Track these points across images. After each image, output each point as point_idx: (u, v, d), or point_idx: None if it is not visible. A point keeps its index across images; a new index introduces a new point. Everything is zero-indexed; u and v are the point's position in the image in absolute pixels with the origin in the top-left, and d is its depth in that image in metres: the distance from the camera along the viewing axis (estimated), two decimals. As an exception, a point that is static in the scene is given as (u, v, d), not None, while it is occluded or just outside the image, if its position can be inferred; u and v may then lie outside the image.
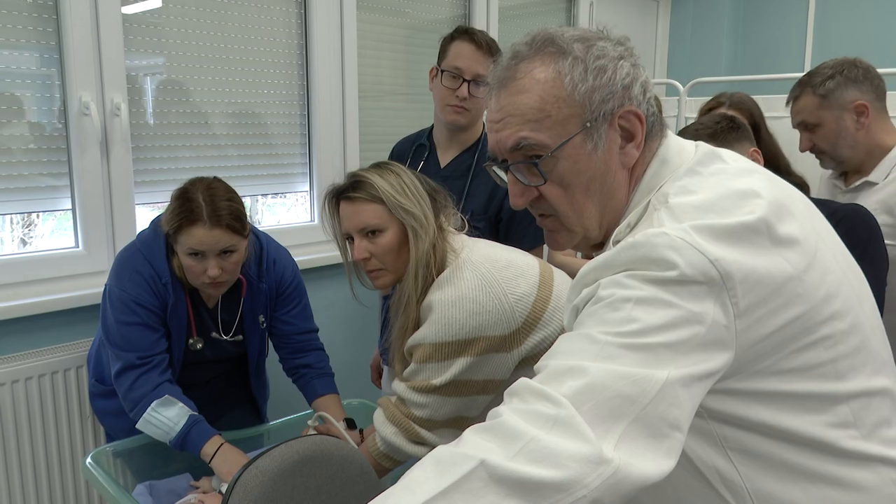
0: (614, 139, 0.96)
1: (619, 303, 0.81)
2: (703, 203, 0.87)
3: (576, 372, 0.77)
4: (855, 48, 3.67)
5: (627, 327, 0.79)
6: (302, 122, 2.72)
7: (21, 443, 2.05)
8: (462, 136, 2.15)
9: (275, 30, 2.58)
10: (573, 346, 0.82)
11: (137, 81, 2.29)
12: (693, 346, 0.79)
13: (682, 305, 0.79)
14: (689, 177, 0.93)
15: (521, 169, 0.98)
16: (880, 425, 0.90)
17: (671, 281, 0.80)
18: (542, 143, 0.95)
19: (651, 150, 0.99)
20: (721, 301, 0.80)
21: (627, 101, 0.95)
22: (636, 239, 0.84)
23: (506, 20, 3.39)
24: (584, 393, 0.75)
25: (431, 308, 1.44)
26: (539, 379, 0.80)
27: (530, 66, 0.96)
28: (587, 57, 0.94)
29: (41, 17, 2.06)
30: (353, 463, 1.41)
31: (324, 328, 2.09)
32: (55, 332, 2.11)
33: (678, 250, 0.80)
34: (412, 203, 1.51)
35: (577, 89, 0.93)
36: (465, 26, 2.17)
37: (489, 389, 1.48)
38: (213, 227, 1.63)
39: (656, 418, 0.76)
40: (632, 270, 0.83)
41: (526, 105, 0.95)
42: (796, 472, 0.88)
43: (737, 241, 0.82)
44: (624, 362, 0.77)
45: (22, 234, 3.01)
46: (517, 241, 2.06)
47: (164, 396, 1.66)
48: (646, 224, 0.90)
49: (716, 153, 0.97)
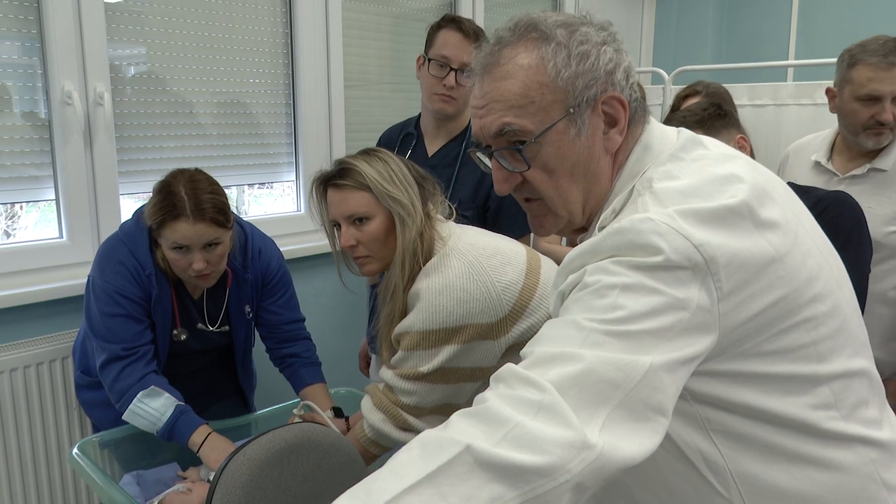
0: (597, 125, 0.96)
1: (606, 289, 0.81)
2: (687, 188, 0.87)
3: (562, 358, 0.78)
4: (839, 37, 3.70)
5: (613, 314, 0.79)
6: (287, 111, 2.71)
7: (7, 435, 2.04)
8: (449, 124, 2.15)
9: (259, 18, 2.56)
10: (559, 332, 0.82)
11: (122, 71, 2.27)
12: (677, 332, 0.80)
13: (667, 292, 0.80)
14: (672, 162, 0.94)
15: (504, 155, 0.98)
16: (859, 406, 0.91)
17: (656, 266, 0.80)
18: (526, 128, 0.95)
19: (634, 136, 0.99)
20: (706, 285, 0.81)
21: (610, 87, 0.95)
22: (622, 224, 0.84)
23: (492, 9, 3.38)
24: (569, 378, 0.76)
25: (419, 296, 1.44)
26: (525, 364, 0.81)
27: (514, 52, 0.96)
28: (570, 42, 0.94)
29: (22, 6, 2.04)
30: (341, 450, 1.42)
31: (311, 317, 2.09)
32: (40, 323, 2.10)
33: (663, 235, 0.81)
34: (399, 191, 1.51)
35: (560, 75, 0.94)
36: (453, 15, 2.16)
37: (476, 377, 1.49)
38: (197, 221, 1.61)
39: (640, 402, 0.77)
40: (618, 256, 0.83)
41: (509, 91, 0.95)
42: (778, 453, 0.89)
43: (720, 225, 0.83)
44: (609, 349, 0.78)
45: (6, 225, 2.98)
46: (505, 229, 2.05)
47: (149, 387, 1.65)
48: (630, 209, 0.91)
49: (697, 139, 0.98)
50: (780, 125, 2.45)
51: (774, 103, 2.47)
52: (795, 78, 3.63)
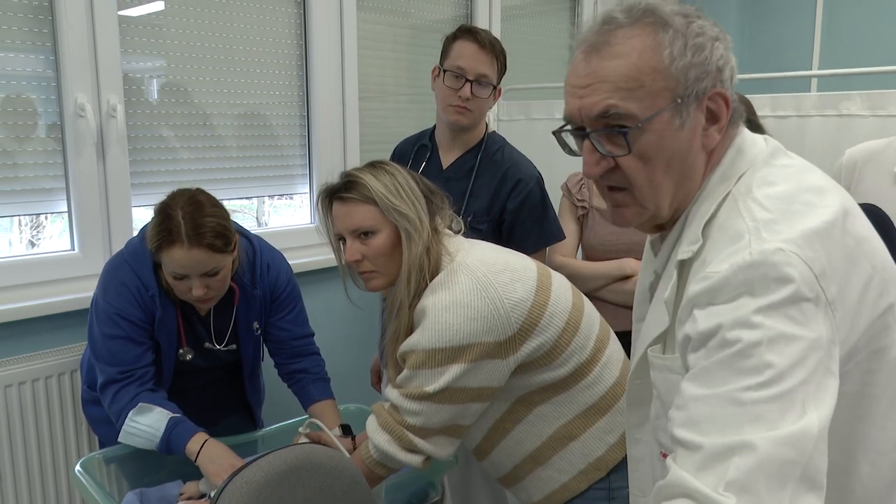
0: (699, 119, 0.95)
1: (750, 349, 0.81)
2: (785, 194, 0.90)
3: (738, 449, 0.78)
4: (864, 46, 3.62)
5: (764, 376, 0.79)
6: (302, 123, 2.69)
7: (14, 448, 2.03)
8: (464, 136, 2.12)
9: (274, 30, 2.55)
10: (718, 412, 0.81)
11: (143, 83, 2.27)
12: (823, 371, 0.81)
13: (804, 336, 0.81)
14: (767, 168, 0.95)
15: (601, 138, 0.95)
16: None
17: (787, 301, 0.82)
18: (631, 113, 0.92)
19: (730, 137, 0.99)
20: (826, 314, 0.84)
21: (719, 83, 0.95)
22: (754, 258, 0.84)
23: (508, 20, 3.35)
24: (752, 471, 0.76)
25: (425, 313, 1.40)
26: (699, 463, 0.79)
27: (630, 33, 0.93)
28: (687, 32, 0.93)
29: (37, 19, 2.04)
30: (344, 472, 1.38)
31: (324, 331, 2.06)
32: (50, 335, 2.09)
33: (795, 266, 0.83)
34: (406, 205, 1.47)
35: (675, 63, 0.92)
36: (469, 25, 2.14)
37: (484, 397, 1.44)
38: (193, 247, 1.57)
39: (813, 470, 0.78)
40: (752, 295, 0.83)
41: (619, 72, 0.92)
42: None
43: (826, 241, 0.86)
44: (773, 418, 0.78)
45: (30, 235, 3.00)
46: (520, 243, 2.03)
47: (138, 405, 1.63)
48: (732, 213, 0.91)
49: (780, 148, 1.00)
50: (804, 137, 2.38)
51: (797, 114, 2.40)
52: (819, 88, 3.55)
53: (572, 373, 1.46)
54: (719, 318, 0.84)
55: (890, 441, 0.94)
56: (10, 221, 2.54)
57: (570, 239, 2.22)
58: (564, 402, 1.48)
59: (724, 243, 0.89)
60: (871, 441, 0.93)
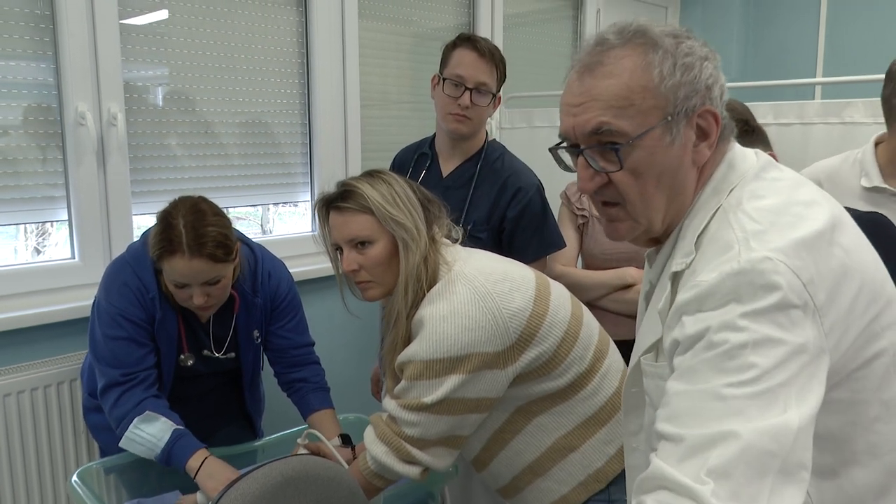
0: (689, 136, 0.98)
1: (736, 350, 0.83)
2: (775, 207, 0.92)
3: (719, 439, 0.79)
4: (867, 53, 3.61)
5: (747, 375, 0.81)
6: (303, 131, 2.69)
7: (13, 457, 2.02)
8: (464, 144, 2.12)
9: (276, 39, 2.55)
10: (700, 405, 0.83)
11: (148, 91, 2.28)
12: (807, 376, 0.83)
13: (789, 340, 0.83)
14: (757, 182, 0.98)
15: (595, 154, 0.99)
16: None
17: (774, 308, 0.83)
18: (623, 130, 0.96)
19: (721, 153, 1.02)
20: (814, 321, 0.85)
21: (708, 101, 0.98)
22: (742, 266, 0.86)
23: (510, 28, 3.35)
24: (733, 459, 0.78)
25: (423, 323, 1.39)
26: (681, 454, 0.81)
27: (621, 54, 0.97)
28: (677, 52, 0.97)
29: (38, 27, 2.05)
30: (341, 484, 1.37)
31: (325, 340, 2.05)
32: (49, 344, 2.09)
33: (782, 274, 0.84)
34: (403, 214, 1.46)
35: (664, 82, 0.95)
36: (468, 34, 2.13)
37: (482, 407, 1.43)
38: (193, 257, 1.56)
39: (794, 464, 0.80)
40: (739, 302, 0.85)
41: (611, 91, 0.96)
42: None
43: (814, 251, 0.88)
44: (754, 414, 0.80)
45: (36, 242, 3.00)
46: (520, 251, 2.02)
47: (144, 413, 1.62)
48: (723, 225, 0.94)
49: (771, 162, 1.02)
50: (807, 144, 2.36)
51: (801, 122, 2.38)
52: (824, 96, 3.53)
53: (571, 383, 1.45)
54: (707, 322, 0.86)
55: (882, 445, 0.95)
56: (15, 229, 2.54)
57: (571, 247, 2.21)
58: (564, 413, 1.46)
59: (713, 254, 0.91)
60: (863, 445, 0.94)
